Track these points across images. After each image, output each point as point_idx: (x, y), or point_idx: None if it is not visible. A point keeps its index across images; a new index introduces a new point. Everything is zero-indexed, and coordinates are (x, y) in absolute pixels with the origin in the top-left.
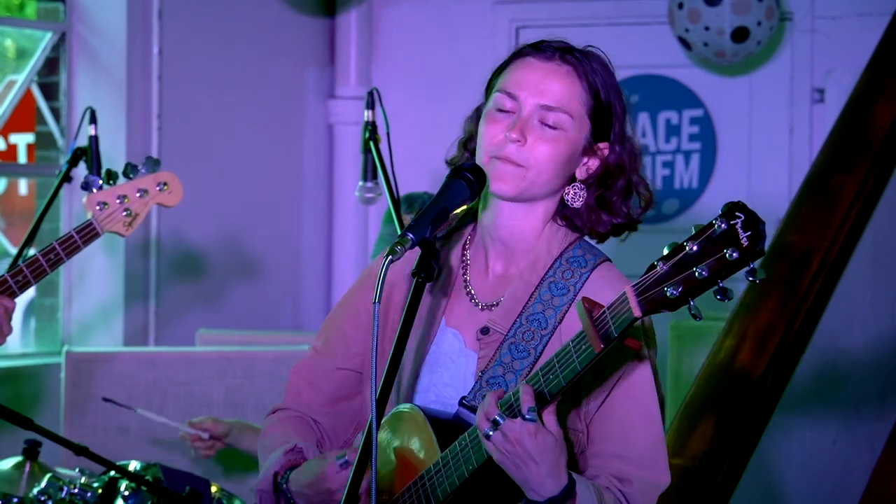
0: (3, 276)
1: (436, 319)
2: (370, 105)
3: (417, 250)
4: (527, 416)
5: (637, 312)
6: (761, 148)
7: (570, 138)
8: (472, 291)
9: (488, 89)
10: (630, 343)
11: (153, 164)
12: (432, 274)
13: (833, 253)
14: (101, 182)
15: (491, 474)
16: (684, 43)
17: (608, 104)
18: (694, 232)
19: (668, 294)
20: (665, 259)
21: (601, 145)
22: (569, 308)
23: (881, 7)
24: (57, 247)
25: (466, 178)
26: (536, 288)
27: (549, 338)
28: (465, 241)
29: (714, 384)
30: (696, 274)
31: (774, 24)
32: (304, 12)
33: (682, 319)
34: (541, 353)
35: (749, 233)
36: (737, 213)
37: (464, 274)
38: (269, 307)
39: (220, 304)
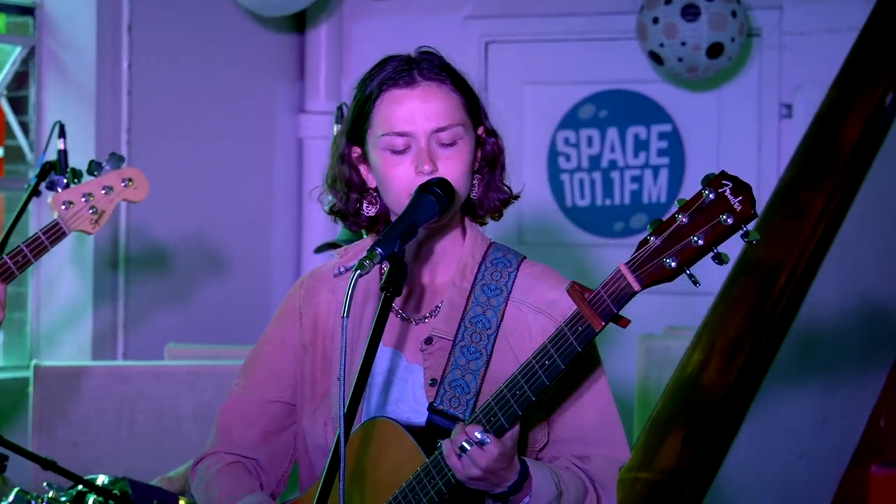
0: None
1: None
2: (339, 119)
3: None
4: (486, 442)
5: (636, 287)
6: (729, 163)
7: (468, 143)
8: (398, 309)
9: (359, 133)
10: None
11: (117, 161)
12: (400, 288)
13: (800, 268)
14: (65, 181)
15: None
16: (655, 58)
17: (469, 89)
18: (679, 206)
19: (666, 265)
20: (656, 233)
21: (479, 130)
22: (506, 306)
23: (848, 22)
24: (24, 248)
25: (435, 192)
26: (470, 292)
27: (495, 336)
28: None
29: (682, 398)
30: (693, 242)
31: (744, 41)
32: (273, 28)
33: (651, 334)
34: (491, 352)
35: (740, 197)
36: (723, 182)
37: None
38: (238, 320)
39: (189, 317)
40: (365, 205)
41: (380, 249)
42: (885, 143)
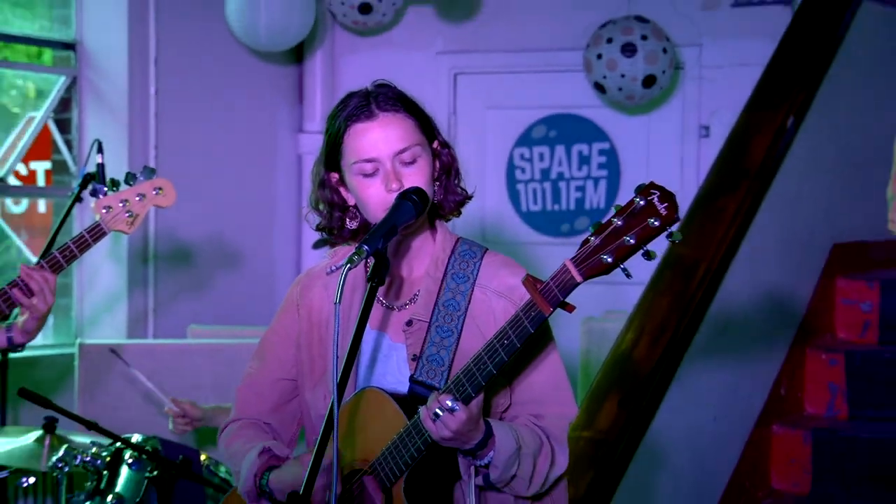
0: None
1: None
2: None
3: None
4: (456, 409)
5: (579, 279)
6: (657, 175)
7: (427, 158)
8: (382, 299)
9: (334, 162)
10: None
11: (150, 173)
12: (384, 279)
13: (716, 262)
14: (106, 189)
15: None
16: (599, 87)
17: (422, 111)
18: (615, 211)
19: (604, 260)
20: (596, 234)
21: (435, 145)
22: (472, 291)
23: (757, 58)
24: (71, 245)
25: (412, 199)
26: (442, 280)
27: (464, 317)
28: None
29: (617, 371)
30: (626, 241)
31: (672, 73)
32: (276, 60)
33: (592, 317)
34: (461, 330)
35: (666, 204)
36: (652, 191)
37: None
38: (248, 305)
39: (208, 302)
40: (347, 220)
41: (366, 247)
42: (787, 158)
